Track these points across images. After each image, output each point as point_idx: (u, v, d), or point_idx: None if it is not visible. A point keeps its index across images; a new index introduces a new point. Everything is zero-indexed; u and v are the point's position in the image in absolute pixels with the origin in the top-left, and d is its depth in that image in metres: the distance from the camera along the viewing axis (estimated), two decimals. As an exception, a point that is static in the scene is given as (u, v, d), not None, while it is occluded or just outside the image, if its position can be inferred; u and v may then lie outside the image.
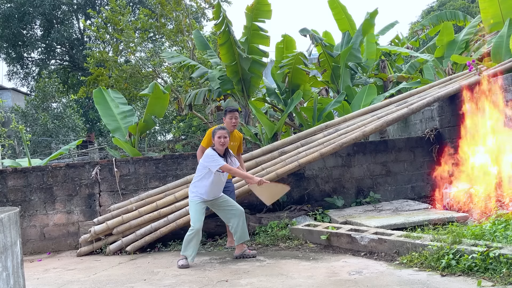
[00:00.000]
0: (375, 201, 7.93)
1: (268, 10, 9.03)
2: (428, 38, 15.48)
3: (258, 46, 9.38)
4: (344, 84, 10.14)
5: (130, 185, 7.67)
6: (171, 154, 8.38)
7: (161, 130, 19.93)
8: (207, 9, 16.12)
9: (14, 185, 7.49)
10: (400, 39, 13.59)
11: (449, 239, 4.69)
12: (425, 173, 8.47)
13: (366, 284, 4.29)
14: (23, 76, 27.36)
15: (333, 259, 5.39)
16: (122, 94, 10.73)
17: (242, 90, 9.52)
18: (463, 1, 26.56)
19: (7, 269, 2.73)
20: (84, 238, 6.93)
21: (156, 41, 19.85)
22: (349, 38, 10.78)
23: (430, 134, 8.51)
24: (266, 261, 5.58)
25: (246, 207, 7.64)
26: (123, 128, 9.01)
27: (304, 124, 9.36)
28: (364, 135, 7.31)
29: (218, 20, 8.86)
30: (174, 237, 6.94)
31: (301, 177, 8.04)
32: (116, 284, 5.02)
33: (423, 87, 8.29)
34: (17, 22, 23.98)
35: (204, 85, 12.00)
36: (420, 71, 11.44)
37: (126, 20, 14.26)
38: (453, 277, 4.23)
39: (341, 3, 11.66)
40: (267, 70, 12.54)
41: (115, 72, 14.04)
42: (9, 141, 16.90)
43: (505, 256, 4.07)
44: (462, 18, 12.32)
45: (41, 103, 21.02)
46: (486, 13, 9.24)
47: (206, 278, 4.96)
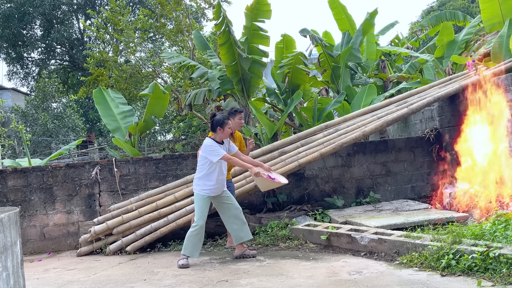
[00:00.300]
0: (375, 201, 7.94)
1: (268, 10, 9.03)
2: (428, 38, 15.48)
3: (258, 46, 9.37)
4: (344, 84, 10.14)
5: (130, 185, 7.67)
6: (171, 154, 8.38)
7: (161, 130, 19.93)
8: (207, 9, 16.12)
9: (14, 185, 7.49)
10: (400, 39, 13.58)
11: (449, 239, 4.69)
12: (425, 173, 8.47)
13: (366, 284, 4.29)
14: (23, 76, 27.35)
15: (333, 259, 5.39)
16: (122, 94, 10.74)
17: (242, 90, 9.52)
18: (463, 1, 26.55)
19: (7, 269, 2.73)
20: (84, 238, 6.94)
21: (156, 41, 19.84)
22: (349, 38, 10.78)
23: (430, 134, 8.51)
24: (266, 261, 5.58)
25: (246, 207, 7.65)
26: (123, 128, 9.01)
27: (304, 124, 9.35)
28: (364, 135, 7.31)
29: (218, 20, 8.86)
30: (174, 237, 6.95)
31: (301, 177, 8.04)
32: (116, 284, 5.02)
33: (423, 87, 8.28)
34: (17, 22, 23.97)
35: (204, 85, 11.99)
36: (420, 71, 11.44)
37: (126, 20, 14.26)
38: (453, 277, 4.23)
39: (341, 3, 11.66)
40: (267, 70, 12.54)
41: (115, 72, 14.04)
42: (9, 141, 16.89)
43: (505, 256, 4.07)
44: (462, 18, 12.31)
45: (41, 103, 21.01)
46: (486, 13, 9.24)
47: (206, 278, 4.97)
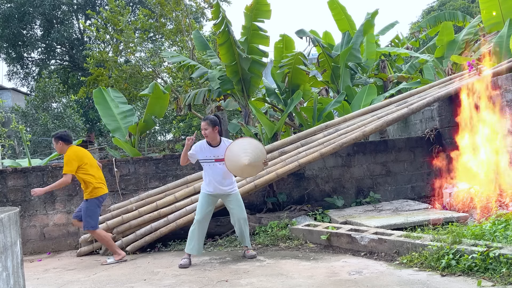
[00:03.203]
0: (375, 201, 7.94)
1: (268, 10, 9.04)
2: (428, 38, 15.48)
3: (257, 46, 9.38)
4: (344, 84, 10.14)
5: (130, 185, 7.67)
6: (171, 154, 8.37)
7: (161, 130, 19.94)
8: (206, 9, 16.13)
9: (14, 185, 7.50)
10: (400, 39, 13.59)
11: (449, 239, 4.69)
12: (425, 173, 8.47)
13: (366, 284, 4.29)
14: (23, 76, 27.36)
15: (333, 259, 5.39)
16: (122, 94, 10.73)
17: (242, 90, 9.52)
18: (463, 1, 26.55)
19: (7, 269, 2.72)
20: (84, 238, 6.94)
21: (156, 41, 19.85)
22: (349, 38, 10.78)
23: (430, 134, 8.51)
24: (266, 261, 5.58)
25: (246, 207, 7.63)
26: (123, 128, 9.01)
27: (304, 124, 9.35)
28: (364, 135, 7.31)
29: (217, 20, 8.86)
30: (174, 237, 6.95)
31: (301, 177, 8.04)
32: (116, 284, 5.02)
33: (423, 87, 8.29)
34: (17, 22, 23.98)
35: (204, 85, 12.00)
36: (420, 71, 11.45)
37: (126, 21, 14.26)
38: (453, 277, 4.23)
39: (340, 3, 11.67)
40: (267, 70, 12.55)
41: (115, 72, 14.05)
42: (9, 141, 16.89)
43: (505, 256, 4.07)
44: (461, 19, 12.32)
45: (41, 103, 21.01)
46: (486, 14, 9.25)
47: (206, 278, 4.96)
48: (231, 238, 6.86)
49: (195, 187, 6.98)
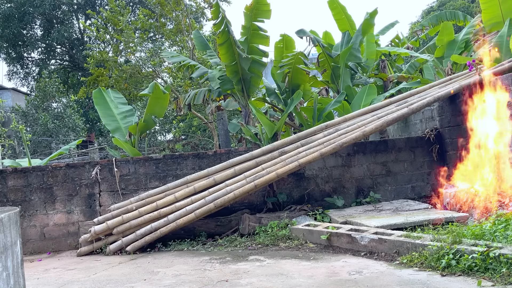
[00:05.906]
0: (375, 201, 7.93)
1: (267, 10, 9.03)
2: (428, 38, 15.48)
3: (257, 46, 9.37)
4: (344, 84, 10.14)
5: (130, 185, 7.67)
6: (171, 154, 8.38)
7: (161, 130, 19.94)
8: (206, 8, 16.13)
9: (14, 185, 7.49)
10: (400, 39, 13.58)
11: (449, 239, 4.69)
12: (425, 173, 8.47)
13: (366, 284, 4.29)
14: (23, 76, 27.37)
15: (333, 259, 5.39)
16: (122, 94, 10.73)
17: (242, 90, 9.52)
18: (463, 1, 26.55)
19: (7, 269, 2.73)
20: (84, 238, 6.94)
21: (156, 41, 19.86)
22: (349, 38, 10.77)
23: (430, 134, 8.51)
24: (266, 261, 5.58)
25: (246, 207, 7.66)
26: (123, 128, 9.01)
27: (304, 124, 9.35)
28: (364, 135, 7.30)
29: (217, 20, 8.86)
30: (174, 237, 6.95)
31: (301, 177, 8.04)
32: (116, 284, 5.02)
33: (423, 87, 8.28)
34: (17, 22, 23.99)
35: (204, 85, 11.99)
36: (420, 71, 11.44)
37: (126, 21, 14.27)
38: (453, 277, 4.23)
39: (340, 3, 11.65)
40: (267, 70, 12.53)
41: (115, 72, 14.06)
42: (9, 141, 16.90)
43: (505, 256, 4.07)
44: (462, 18, 12.31)
45: (41, 103, 21.02)
46: (486, 14, 9.24)
47: (206, 278, 4.96)
48: (231, 238, 6.87)
49: (195, 187, 6.99)
